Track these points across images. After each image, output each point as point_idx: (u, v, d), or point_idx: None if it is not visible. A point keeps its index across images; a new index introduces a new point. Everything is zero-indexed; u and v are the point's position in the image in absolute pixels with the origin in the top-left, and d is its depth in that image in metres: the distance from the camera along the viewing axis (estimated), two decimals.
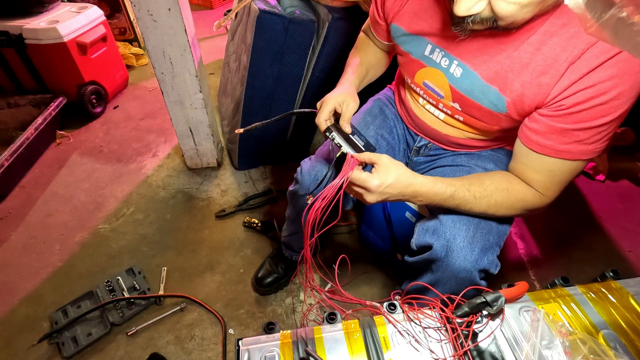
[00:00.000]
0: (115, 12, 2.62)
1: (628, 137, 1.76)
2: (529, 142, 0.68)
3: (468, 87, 0.72)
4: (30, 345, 1.15)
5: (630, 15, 0.34)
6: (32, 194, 1.67)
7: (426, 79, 0.81)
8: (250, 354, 0.56)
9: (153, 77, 2.47)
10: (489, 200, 0.70)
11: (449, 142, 0.90)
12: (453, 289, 0.80)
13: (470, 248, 0.75)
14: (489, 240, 0.77)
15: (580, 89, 0.58)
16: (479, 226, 0.77)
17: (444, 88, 0.77)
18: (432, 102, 0.84)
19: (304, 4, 1.43)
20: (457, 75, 0.73)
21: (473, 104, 0.73)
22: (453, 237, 0.76)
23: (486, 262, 0.76)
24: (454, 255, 0.75)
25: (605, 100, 0.57)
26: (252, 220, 1.50)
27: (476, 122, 0.78)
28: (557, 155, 0.65)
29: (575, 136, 0.62)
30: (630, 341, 0.56)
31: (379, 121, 0.99)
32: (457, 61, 0.72)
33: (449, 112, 0.82)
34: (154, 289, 1.30)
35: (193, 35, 1.40)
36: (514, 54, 0.65)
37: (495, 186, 0.71)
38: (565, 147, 0.64)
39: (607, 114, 0.59)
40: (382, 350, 0.55)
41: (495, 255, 0.78)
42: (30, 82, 1.98)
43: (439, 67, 0.76)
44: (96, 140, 2.00)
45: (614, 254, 1.43)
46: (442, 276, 0.79)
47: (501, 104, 0.68)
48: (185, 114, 1.57)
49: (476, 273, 0.76)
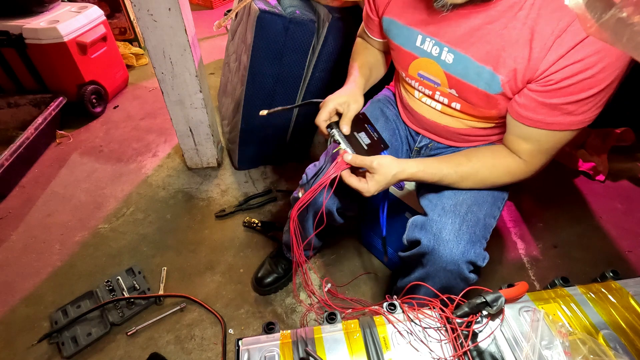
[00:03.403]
0: (116, 12, 2.62)
1: (628, 137, 1.76)
2: (519, 117, 0.70)
3: (462, 71, 0.73)
4: (30, 345, 1.15)
5: (630, 16, 0.34)
6: (32, 193, 1.67)
7: (420, 70, 0.82)
8: (250, 354, 0.56)
9: (153, 77, 2.47)
10: (475, 179, 0.78)
11: (450, 133, 0.90)
12: (443, 282, 0.82)
13: (457, 241, 0.77)
14: (475, 232, 0.79)
15: (568, 64, 0.60)
16: (465, 219, 0.79)
17: (439, 76, 0.78)
18: (428, 92, 0.85)
19: (304, 4, 1.43)
20: (450, 62, 0.74)
21: (469, 88, 0.74)
22: (439, 231, 0.79)
23: (473, 255, 0.77)
24: (441, 248, 0.78)
25: (593, 73, 0.59)
26: (252, 220, 1.50)
27: (473, 108, 0.78)
28: (547, 128, 0.68)
29: (564, 109, 0.64)
30: (630, 341, 0.55)
31: (381, 123, 0.99)
32: (447, 48, 0.73)
33: (446, 101, 0.82)
34: (154, 288, 1.30)
35: (193, 35, 1.40)
36: (503, 31, 0.65)
37: (481, 163, 0.77)
38: (554, 120, 0.66)
39: (595, 86, 0.60)
40: (382, 350, 0.55)
41: (482, 247, 0.80)
42: (30, 81, 1.98)
43: (431, 56, 0.77)
44: (96, 140, 2.00)
45: (614, 254, 1.43)
46: (432, 270, 0.82)
47: (495, 83, 0.69)
48: (185, 113, 1.57)
49: (464, 265, 0.78)
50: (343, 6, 1.35)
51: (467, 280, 0.80)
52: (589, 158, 1.74)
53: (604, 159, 1.74)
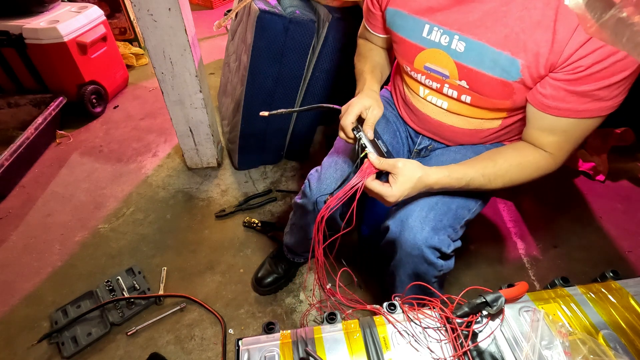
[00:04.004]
0: (116, 12, 2.62)
1: (628, 137, 1.76)
2: (546, 108, 0.67)
3: (476, 59, 0.70)
4: (30, 345, 1.15)
5: (630, 16, 0.34)
6: (32, 193, 1.68)
7: (427, 62, 0.78)
8: (250, 354, 0.56)
9: (153, 77, 2.47)
10: (504, 179, 0.74)
11: (454, 134, 0.89)
12: (412, 268, 0.84)
13: (421, 227, 0.79)
14: (442, 221, 0.80)
15: (597, 47, 0.57)
16: (434, 207, 0.80)
17: (448, 67, 0.75)
18: (435, 86, 0.81)
19: (304, 4, 1.43)
20: (461, 50, 0.71)
21: (482, 77, 0.71)
22: (406, 217, 0.80)
23: (437, 241, 0.79)
24: (406, 234, 0.79)
25: (625, 54, 0.56)
26: (252, 220, 1.50)
27: (485, 100, 0.75)
28: (575, 116, 0.65)
29: (595, 95, 0.61)
30: (630, 341, 0.55)
31: (381, 125, 0.98)
32: (457, 36, 0.70)
33: (455, 95, 0.79)
34: (153, 288, 1.30)
35: (193, 35, 1.40)
36: (522, 13, 0.62)
37: (508, 163, 0.73)
38: (584, 107, 0.63)
39: (627, 68, 0.58)
40: (382, 351, 0.55)
41: (447, 235, 0.81)
42: (31, 81, 1.98)
43: (439, 46, 0.74)
44: (96, 140, 2.00)
45: (614, 254, 1.43)
46: (400, 256, 0.84)
47: (514, 69, 0.66)
48: (185, 113, 1.57)
49: (427, 250, 0.79)
50: (343, 6, 1.35)
51: (435, 266, 0.81)
52: (589, 158, 1.74)
53: (604, 159, 1.74)
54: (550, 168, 0.74)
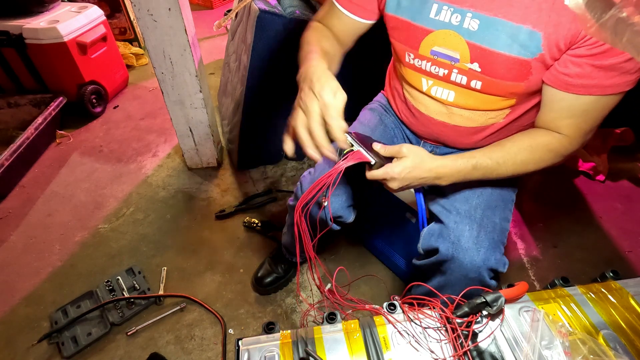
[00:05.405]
0: (116, 11, 2.62)
1: (628, 137, 1.76)
2: (570, 87, 0.63)
3: (491, 37, 0.65)
4: (30, 345, 1.15)
5: (630, 16, 0.34)
6: (32, 193, 1.67)
7: (435, 46, 0.72)
8: (250, 354, 0.56)
9: (153, 77, 2.47)
10: (515, 161, 0.70)
11: (457, 134, 0.85)
12: (461, 290, 0.78)
13: (477, 248, 0.75)
14: (494, 238, 0.77)
15: None
16: (482, 225, 0.77)
17: (459, 48, 0.70)
18: (442, 73, 0.75)
19: (304, 4, 1.43)
20: (474, 29, 0.66)
21: (498, 57, 0.66)
22: (457, 239, 0.76)
23: (494, 261, 0.76)
24: (462, 256, 0.75)
25: None
26: (252, 220, 1.50)
27: (498, 84, 0.70)
28: (601, 92, 0.62)
29: (621, 68, 0.59)
30: (630, 341, 0.55)
31: (379, 132, 0.95)
32: (470, 13, 0.66)
33: (464, 82, 0.73)
34: (153, 288, 1.30)
35: (193, 35, 1.40)
36: None
37: (517, 146, 0.70)
38: (611, 82, 0.61)
39: None
40: (382, 351, 0.55)
41: (501, 253, 0.78)
42: (31, 81, 1.98)
43: (450, 26, 0.69)
44: (96, 140, 2.00)
45: (614, 254, 1.43)
46: (452, 277, 0.79)
47: (534, 43, 0.62)
48: (185, 113, 1.57)
49: (485, 272, 0.76)
50: None
51: (489, 286, 0.77)
52: (589, 158, 1.74)
53: (604, 159, 1.74)
54: (565, 151, 0.70)
